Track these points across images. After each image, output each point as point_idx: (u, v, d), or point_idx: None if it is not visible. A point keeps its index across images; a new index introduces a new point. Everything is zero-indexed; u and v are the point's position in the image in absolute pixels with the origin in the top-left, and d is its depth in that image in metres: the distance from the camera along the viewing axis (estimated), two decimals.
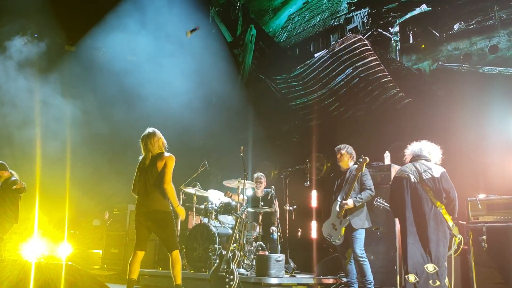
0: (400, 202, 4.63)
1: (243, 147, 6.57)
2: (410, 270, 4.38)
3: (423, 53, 8.22)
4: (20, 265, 4.04)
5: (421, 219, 4.45)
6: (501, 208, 5.28)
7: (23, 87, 8.36)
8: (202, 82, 9.91)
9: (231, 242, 5.50)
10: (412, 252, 4.42)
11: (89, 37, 10.29)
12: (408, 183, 4.59)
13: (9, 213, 6.61)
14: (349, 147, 5.53)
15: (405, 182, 4.61)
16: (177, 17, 9.86)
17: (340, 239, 5.20)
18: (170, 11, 9.85)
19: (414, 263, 4.39)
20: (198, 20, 10.47)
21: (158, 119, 8.28)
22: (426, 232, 4.40)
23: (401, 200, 4.61)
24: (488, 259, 5.15)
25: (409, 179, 4.60)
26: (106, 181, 8.99)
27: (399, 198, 4.65)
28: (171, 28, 9.75)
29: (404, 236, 4.54)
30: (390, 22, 8.65)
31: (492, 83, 7.26)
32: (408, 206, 4.54)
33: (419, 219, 4.47)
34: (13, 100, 8.38)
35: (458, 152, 7.20)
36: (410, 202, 4.55)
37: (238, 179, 6.62)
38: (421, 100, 7.96)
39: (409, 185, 4.58)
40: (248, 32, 10.98)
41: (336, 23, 9.50)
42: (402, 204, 4.59)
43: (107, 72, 9.73)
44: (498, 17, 7.41)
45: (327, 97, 9.36)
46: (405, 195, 4.58)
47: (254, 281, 5.56)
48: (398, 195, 4.66)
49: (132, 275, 4.50)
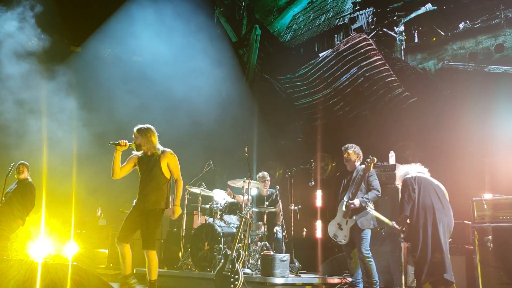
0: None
1: (247, 147, 6.58)
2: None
3: (428, 52, 8.19)
4: (27, 265, 4.06)
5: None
6: (507, 208, 5.26)
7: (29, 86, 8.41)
8: (207, 83, 9.92)
9: (236, 241, 5.51)
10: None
11: (95, 38, 10.33)
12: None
13: (16, 212, 6.68)
14: (356, 147, 5.51)
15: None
16: (182, 17, 9.87)
17: (345, 239, 5.20)
18: (175, 11, 9.86)
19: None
20: (202, 20, 10.48)
21: (163, 119, 8.30)
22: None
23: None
24: (494, 259, 5.12)
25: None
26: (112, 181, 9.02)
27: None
28: (176, 29, 9.76)
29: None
30: (395, 22, 8.62)
31: (498, 82, 7.22)
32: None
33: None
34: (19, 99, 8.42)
35: (464, 151, 7.17)
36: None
37: (243, 179, 6.63)
38: (426, 100, 7.94)
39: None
40: (253, 32, 10.99)
41: (340, 22, 9.49)
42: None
43: (113, 72, 9.77)
44: (504, 16, 7.37)
45: (331, 96, 9.35)
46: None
47: (259, 281, 5.57)
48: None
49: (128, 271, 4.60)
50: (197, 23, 10.12)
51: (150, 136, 4.66)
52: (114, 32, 10.06)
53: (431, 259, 4.66)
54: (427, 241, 4.70)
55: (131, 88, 9.68)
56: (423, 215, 4.78)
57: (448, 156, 4.94)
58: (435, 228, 4.71)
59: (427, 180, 4.99)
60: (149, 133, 4.67)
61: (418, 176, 4.99)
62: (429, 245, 4.68)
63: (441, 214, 4.79)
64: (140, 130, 4.68)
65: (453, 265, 4.85)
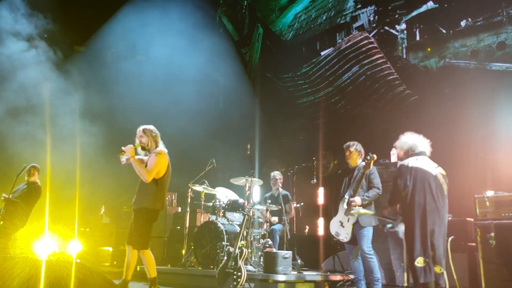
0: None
1: (250, 145, 6.60)
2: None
3: (430, 50, 8.18)
4: (31, 263, 4.10)
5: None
6: (509, 205, 5.25)
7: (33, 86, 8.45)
8: (209, 81, 9.95)
9: (239, 239, 5.53)
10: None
11: (98, 37, 10.36)
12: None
13: (20, 212, 6.74)
14: (358, 145, 5.51)
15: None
16: (185, 16, 9.89)
17: (347, 236, 5.21)
18: (177, 11, 9.88)
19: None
20: (205, 19, 10.51)
21: (166, 118, 8.34)
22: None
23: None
24: (496, 256, 5.10)
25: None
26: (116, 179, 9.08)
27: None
28: (179, 28, 9.78)
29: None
30: (396, 20, 8.63)
31: (500, 80, 7.21)
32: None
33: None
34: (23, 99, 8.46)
35: (466, 149, 7.17)
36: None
37: (245, 177, 6.66)
38: (428, 98, 7.94)
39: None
40: (255, 31, 11.01)
41: (342, 21, 9.50)
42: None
43: (116, 71, 9.79)
44: (506, 14, 7.36)
45: (333, 95, 9.36)
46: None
47: (261, 278, 5.60)
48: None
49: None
50: (200, 22, 10.13)
51: (155, 136, 4.78)
52: (117, 31, 10.08)
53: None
54: (414, 243, 4.40)
55: (134, 87, 9.71)
56: (412, 215, 4.47)
57: (450, 154, 4.92)
58: (423, 231, 4.39)
59: (424, 173, 4.59)
60: (153, 133, 4.79)
61: (415, 167, 4.62)
62: (417, 247, 4.38)
63: (433, 215, 4.45)
64: (146, 130, 4.78)
65: (455, 262, 4.83)
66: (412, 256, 4.44)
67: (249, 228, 6.09)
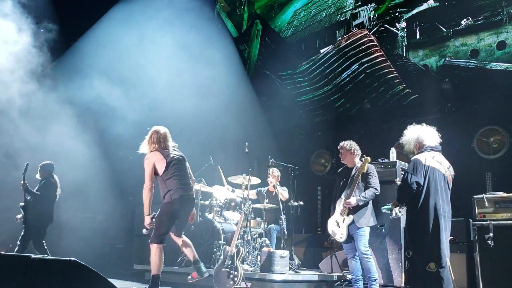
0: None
1: (248, 143, 6.55)
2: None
3: (430, 49, 8.14)
4: None
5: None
6: (508, 205, 5.23)
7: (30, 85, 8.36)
8: (207, 78, 9.85)
9: (236, 238, 5.50)
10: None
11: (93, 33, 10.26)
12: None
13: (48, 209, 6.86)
14: (348, 143, 5.39)
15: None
16: (182, 12, 9.79)
17: (343, 236, 5.18)
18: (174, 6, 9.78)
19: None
20: (203, 15, 10.41)
21: (164, 116, 8.27)
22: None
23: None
24: (494, 256, 5.11)
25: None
26: None
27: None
28: (176, 24, 9.68)
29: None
30: (396, 18, 8.57)
31: (500, 79, 7.19)
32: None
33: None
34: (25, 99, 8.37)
35: (465, 149, 7.15)
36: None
37: (243, 175, 6.61)
38: (427, 97, 7.90)
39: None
40: (254, 28, 10.94)
41: (342, 18, 9.44)
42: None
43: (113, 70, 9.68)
44: (507, 13, 7.33)
45: (332, 93, 9.32)
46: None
47: (258, 277, 5.57)
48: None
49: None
50: (197, 18, 10.04)
51: (151, 138, 5.03)
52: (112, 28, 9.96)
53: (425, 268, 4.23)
54: (423, 248, 4.29)
55: (132, 86, 9.62)
56: (427, 219, 4.28)
57: (449, 153, 4.88)
58: (436, 236, 4.22)
59: (438, 175, 4.38)
60: (151, 138, 5.02)
61: (431, 167, 4.36)
62: (425, 252, 4.26)
63: (446, 221, 4.30)
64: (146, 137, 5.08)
65: (453, 262, 4.82)
66: (423, 259, 4.30)
67: (246, 227, 6.05)
